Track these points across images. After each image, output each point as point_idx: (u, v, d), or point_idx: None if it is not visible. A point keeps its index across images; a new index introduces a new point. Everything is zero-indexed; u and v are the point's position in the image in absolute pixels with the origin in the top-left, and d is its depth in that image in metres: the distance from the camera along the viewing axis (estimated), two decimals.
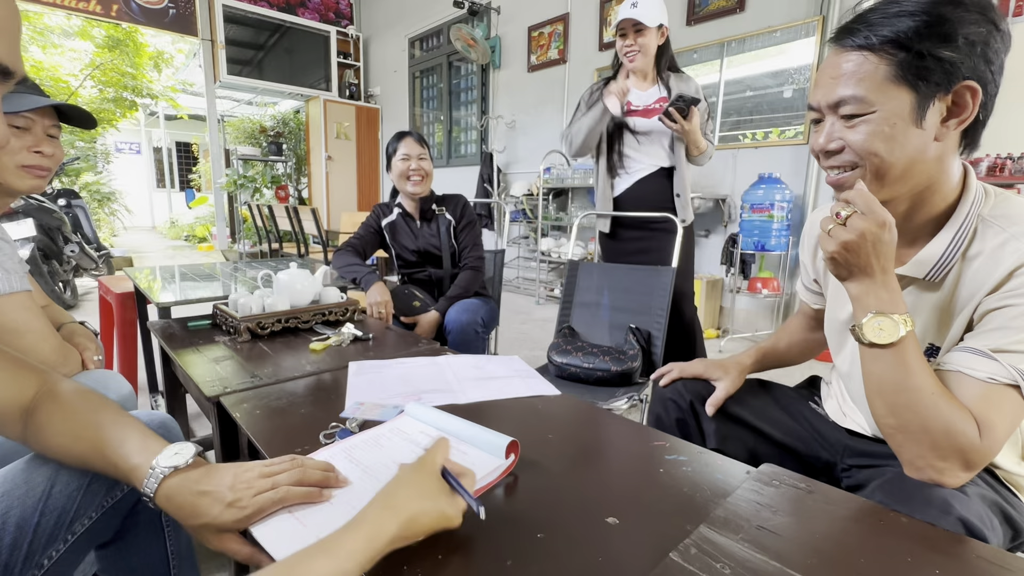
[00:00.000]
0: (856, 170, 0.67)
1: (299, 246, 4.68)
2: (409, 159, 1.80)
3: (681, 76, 1.92)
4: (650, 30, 1.80)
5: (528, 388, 0.94)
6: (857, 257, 0.63)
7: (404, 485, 0.51)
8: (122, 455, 0.58)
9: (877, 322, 0.63)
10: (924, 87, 0.61)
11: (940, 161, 0.65)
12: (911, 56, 0.60)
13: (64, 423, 0.61)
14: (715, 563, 0.49)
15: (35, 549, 0.61)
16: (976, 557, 0.51)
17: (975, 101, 0.61)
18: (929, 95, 0.61)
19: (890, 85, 0.61)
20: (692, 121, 1.77)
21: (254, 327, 1.26)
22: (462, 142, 5.86)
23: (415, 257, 1.90)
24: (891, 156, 0.63)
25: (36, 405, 0.62)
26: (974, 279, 0.65)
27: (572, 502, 0.61)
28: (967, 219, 0.67)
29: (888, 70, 0.61)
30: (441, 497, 0.52)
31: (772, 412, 0.94)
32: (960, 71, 0.60)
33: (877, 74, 0.62)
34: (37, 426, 0.61)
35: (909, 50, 0.60)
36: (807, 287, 0.99)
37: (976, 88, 0.60)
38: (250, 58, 6.29)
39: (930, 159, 0.64)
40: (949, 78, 0.60)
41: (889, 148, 0.63)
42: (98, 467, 0.60)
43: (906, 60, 0.60)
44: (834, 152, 0.68)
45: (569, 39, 4.35)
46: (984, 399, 0.60)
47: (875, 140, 0.63)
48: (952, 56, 0.59)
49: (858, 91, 0.63)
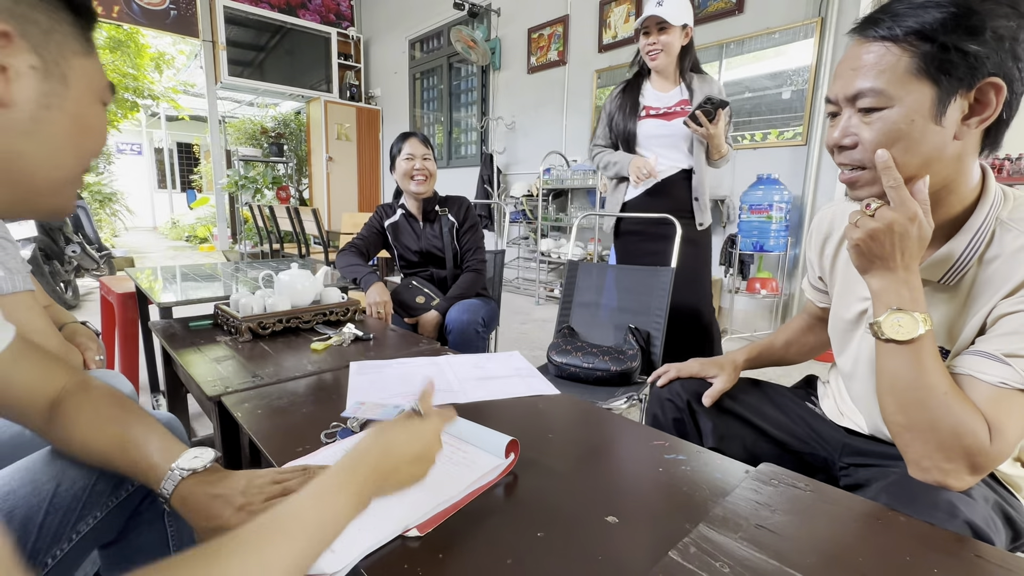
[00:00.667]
0: (865, 171, 0.65)
1: (300, 247, 4.68)
2: (413, 159, 1.81)
3: (704, 77, 1.85)
4: (674, 29, 1.74)
5: (528, 388, 0.94)
6: (881, 247, 0.63)
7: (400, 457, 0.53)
8: (143, 454, 0.59)
9: (896, 318, 0.62)
10: (946, 81, 0.58)
11: (959, 161, 0.63)
12: (935, 48, 0.57)
13: (91, 416, 0.63)
14: (714, 562, 0.49)
15: (39, 547, 0.61)
16: (975, 557, 0.51)
17: (999, 99, 0.58)
18: (951, 90, 0.58)
19: (911, 78, 0.59)
20: (718, 125, 1.70)
21: (255, 327, 1.26)
22: (462, 143, 5.87)
23: (417, 258, 1.91)
24: (904, 155, 0.61)
25: (63, 398, 0.63)
26: (990, 283, 0.64)
27: (572, 501, 0.61)
28: (985, 222, 0.65)
29: (911, 62, 0.59)
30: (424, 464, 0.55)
31: (769, 410, 0.94)
32: (986, 66, 0.57)
33: (899, 66, 0.59)
34: (63, 417, 0.62)
35: (933, 42, 0.57)
36: (813, 285, 0.98)
37: (1001, 85, 0.58)
38: (251, 59, 6.30)
39: (948, 158, 0.62)
40: (973, 73, 0.57)
41: (903, 147, 0.61)
42: (116, 462, 0.61)
43: (929, 52, 0.57)
44: (847, 148, 0.66)
45: (569, 41, 4.35)
46: (995, 403, 0.59)
47: (888, 140, 0.61)
48: (978, 50, 0.56)
49: (877, 83, 0.60)
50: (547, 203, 4.40)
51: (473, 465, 0.65)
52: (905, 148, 0.61)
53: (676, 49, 1.78)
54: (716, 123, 1.69)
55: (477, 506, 0.59)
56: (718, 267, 3.36)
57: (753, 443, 0.92)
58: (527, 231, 4.73)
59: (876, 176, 0.64)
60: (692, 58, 1.85)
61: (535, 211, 4.41)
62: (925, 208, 0.62)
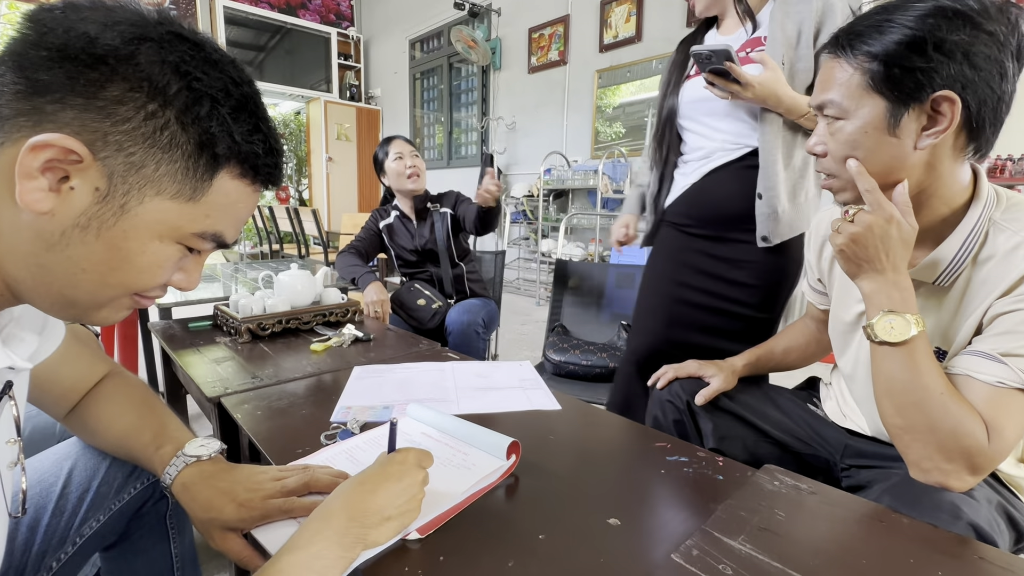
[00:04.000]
0: (834, 179, 0.70)
1: (300, 247, 4.68)
2: (403, 157, 1.82)
3: None
4: None
5: (528, 401, 0.91)
6: (864, 250, 0.65)
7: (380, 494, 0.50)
8: (160, 438, 0.61)
9: (888, 320, 0.63)
10: (895, 96, 0.61)
11: (931, 168, 0.64)
12: (880, 65, 0.61)
13: (121, 396, 0.66)
14: (717, 564, 0.49)
15: (45, 550, 0.61)
16: (978, 559, 0.51)
17: (953, 111, 0.60)
18: (902, 103, 0.61)
19: (863, 93, 0.63)
20: (747, 76, 1.01)
21: (255, 328, 1.26)
22: (462, 143, 5.87)
23: (414, 257, 1.91)
24: (864, 164, 0.65)
25: (97, 385, 0.67)
26: (985, 283, 0.65)
27: (573, 503, 0.61)
28: (978, 223, 0.66)
29: (861, 79, 0.63)
30: (408, 514, 0.52)
31: (770, 411, 0.94)
32: (935, 81, 0.59)
33: (852, 82, 0.64)
34: (94, 397, 0.65)
35: (879, 60, 0.61)
36: (812, 287, 0.99)
37: (953, 98, 0.59)
38: (251, 59, 6.30)
39: (911, 167, 0.64)
40: (922, 88, 0.60)
41: (861, 156, 0.65)
42: (131, 446, 0.63)
43: (876, 70, 0.62)
44: (819, 155, 0.71)
45: (569, 41, 4.35)
46: (992, 403, 0.60)
47: (846, 149, 0.66)
48: (924, 66, 0.59)
49: (835, 96, 0.66)
50: (548, 203, 4.40)
51: (474, 467, 0.64)
52: (864, 157, 0.66)
53: None
54: (742, 76, 1.01)
55: (478, 508, 0.59)
56: None
57: (754, 444, 0.92)
58: (528, 231, 4.73)
59: (845, 183, 0.69)
60: None
61: (535, 211, 4.41)
62: (905, 210, 0.64)
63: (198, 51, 0.39)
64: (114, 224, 0.38)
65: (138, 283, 0.42)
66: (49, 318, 0.57)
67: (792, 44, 1.07)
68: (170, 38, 0.38)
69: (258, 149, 0.42)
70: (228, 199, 0.43)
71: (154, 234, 0.40)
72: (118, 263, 0.40)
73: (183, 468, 0.58)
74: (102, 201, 0.37)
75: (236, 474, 0.58)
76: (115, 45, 0.36)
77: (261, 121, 0.43)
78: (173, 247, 0.42)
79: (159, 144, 0.38)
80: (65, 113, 0.35)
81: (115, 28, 0.36)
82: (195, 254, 0.45)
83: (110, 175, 0.37)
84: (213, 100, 0.39)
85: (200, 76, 0.39)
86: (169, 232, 0.41)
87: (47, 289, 0.40)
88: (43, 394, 0.62)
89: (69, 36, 0.35)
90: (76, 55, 0.35)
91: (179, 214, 0.41)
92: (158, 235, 0.41)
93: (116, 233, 0.39)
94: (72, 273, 0.39)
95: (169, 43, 0.38)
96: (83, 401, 0.65)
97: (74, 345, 0.64)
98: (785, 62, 1.07)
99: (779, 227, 1.11)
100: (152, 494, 0.72)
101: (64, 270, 0.39)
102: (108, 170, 0.37)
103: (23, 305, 0.45)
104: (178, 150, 0.39)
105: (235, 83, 0.41)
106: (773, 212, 1.10)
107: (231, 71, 0.41)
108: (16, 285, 0.40)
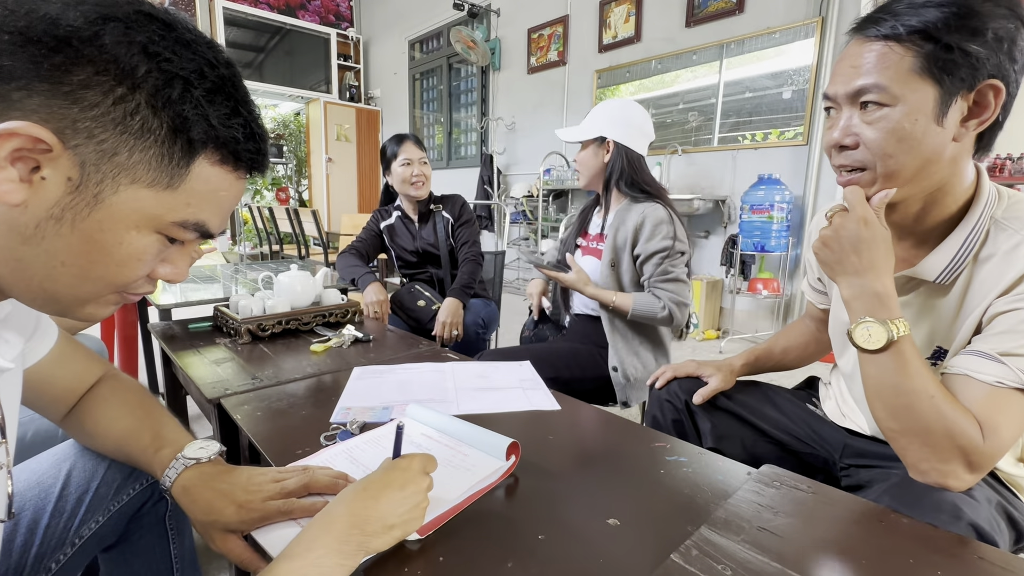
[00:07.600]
0: (865, 173, 0.65)
1: (300, 248, 4.68)
2: (411, 164, 1.81)
3: (634, 201, 1.34)
4: (588, 144, 1.39)
5: (528, 401, 0.91)
6: (832, 253, 0.65)
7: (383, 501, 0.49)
8: (159, 441, 0.61)
9: (866, 327, 0.63)
10: (949, 82, 0.58)
11: (955, 162, 0.63)
12: (938, 48, 0.57)
13: (118, 399, 0.66)
14: (716, 564, 0.49)
15: (44, 552, 0.61)
16: (978, 559, 0.51)
17: (997, 100, 0.59)
18: (953, 91, 0.58)
19: (915, 77, 0.59)
20: (559, 276, 1.32)
21: (255, 329, 1.26)
22: (462, 144, 5.87)
23: (415, 258, 1.91)
24: (906, 156, 0.61)
25: (94, 388, 0.67)
26: (985, 282, 0.64)
27: (573, 503, 0.60)
28: (979, 221, 0.65)
29: (914, 62, 0.58)
30: (412, 522, 0.51)
31: (768, 411, 0.94)
32: (986, 67, 0.57)
33: (902, 65, 0.59)
34: (91, 400, 0.65)
35: (937, 41, 0.57)
36: (812, 286, 0.99)
37: (1000, 87, 0.58)
38: (250, 60, 6.30)
39: (945, 160, 0.62)
40: (974, 74, 0.57)
41: (905, 148, 0.61)
42: (129, 449, 0.63)
43: (933, 52, 0.57)
44: (848, 148, 0.65)
45: (569, 41, 4.35)
46: (990, 402, 0.59)
47: (891, 139, 0.61)
48: (979, 51, 0.56)
49: (881, 80, 0.60)
50: (547, 204, 4.40)
51: (473, 468, 0.64)
52: (908, 148, 0.61)
53: (592, 166, 1.37)
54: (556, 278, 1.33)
55: (477, 509, 0.59)
56: (719, 267, 3.36)
57: (753, 443, 0.92)
58: (527, 232, 4.73)
59: (875, 176, 0.64)
60: (626, 175, 1.33)
61: (535, 212, 4.41)
62: (879, 213, 0.64)
63: (169, 31, 0.37)
64: (88, 215, 0.37)
65: (119, 277, 0.41)
66: (42, 320, 0.57)
67: (620, 248, 1.33)
68: (138, 17, 0.36)
69: (237, 134, 0.41)
70: (208, 186, 0.41)
71: (131, 224, 0.39)
72: (96, 256, 0.39)
73: (183, 471, 0.58)
74: (75, 191, 0.36)
75: (236, 476, 0.58)
76: (77, 26, 0.34)
77: (240, 104, 0.41)
78: (151, 237, 0.40)
79: (130, 130, 0.36)
80: (31, 100, 0.34)
81: (78, 8, 0.34)
82: (178, 244, 0.43)
83: (82, 164, 0.35)
84: (186, 82, 0.37)
85: (170, 57, 0.37)
86: (147, 222, 0.39)
87: (27, 284, 0.39)
88: (39, 396, 0.62)
89: (31, 18, 0.33)
90: (39, 38, 0.33)
91: (157, 203, 0.39)
92: (135, 225, 0.39)
93: (91, 224, 0.37)
94: (51, 267, 0.38)
95: (136, 23, 0.36)
96: (80, 404, 0.65)
97: (67, 346, 0.63)
98: (614, 260, 1.34)
99: (635, 391, 1.33)
100: (151, 495, 0.72)
101: (42, 264, 0.38)
102: (80, 159, 0.35)
103: (12, 305, 0.44)
104: (151, 136, 0.37)
105: (211, 65, 0.39)
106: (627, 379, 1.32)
107: (206, 52, 0.39)
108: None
